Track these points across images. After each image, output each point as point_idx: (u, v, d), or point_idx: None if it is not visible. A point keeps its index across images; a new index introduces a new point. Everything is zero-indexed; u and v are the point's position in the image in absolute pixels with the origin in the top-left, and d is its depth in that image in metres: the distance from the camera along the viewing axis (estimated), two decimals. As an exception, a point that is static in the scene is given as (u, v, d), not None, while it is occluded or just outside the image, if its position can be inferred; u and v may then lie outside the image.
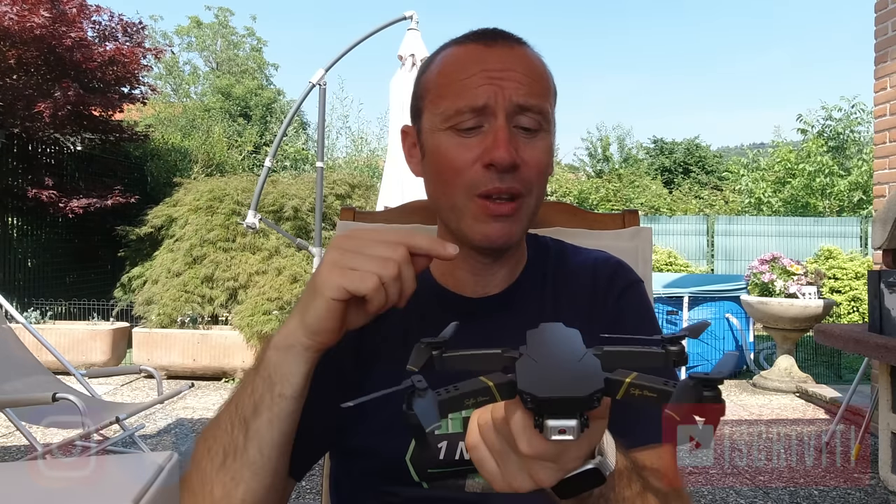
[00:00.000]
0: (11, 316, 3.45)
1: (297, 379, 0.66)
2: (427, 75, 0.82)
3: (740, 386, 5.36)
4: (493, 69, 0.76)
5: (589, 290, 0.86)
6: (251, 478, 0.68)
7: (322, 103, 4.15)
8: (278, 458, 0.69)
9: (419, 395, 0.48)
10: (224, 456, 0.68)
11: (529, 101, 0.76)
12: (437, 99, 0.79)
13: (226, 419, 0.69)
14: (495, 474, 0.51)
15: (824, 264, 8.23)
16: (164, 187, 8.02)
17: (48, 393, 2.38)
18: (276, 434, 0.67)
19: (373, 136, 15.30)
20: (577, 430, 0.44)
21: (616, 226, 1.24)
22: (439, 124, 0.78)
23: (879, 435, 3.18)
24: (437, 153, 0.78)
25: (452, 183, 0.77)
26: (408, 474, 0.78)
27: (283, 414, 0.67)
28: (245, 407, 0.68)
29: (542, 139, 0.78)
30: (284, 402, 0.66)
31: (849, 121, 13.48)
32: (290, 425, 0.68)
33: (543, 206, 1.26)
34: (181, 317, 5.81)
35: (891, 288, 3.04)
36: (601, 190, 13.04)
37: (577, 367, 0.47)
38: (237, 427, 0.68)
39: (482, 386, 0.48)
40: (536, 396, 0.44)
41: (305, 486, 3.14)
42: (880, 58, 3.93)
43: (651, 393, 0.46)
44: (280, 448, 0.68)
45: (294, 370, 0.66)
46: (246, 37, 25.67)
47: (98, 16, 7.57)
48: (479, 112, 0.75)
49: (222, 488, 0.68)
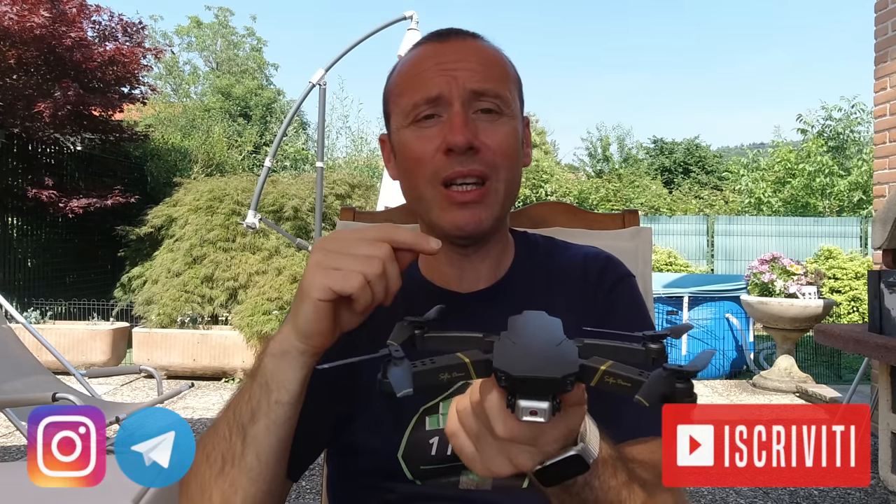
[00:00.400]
0: (11, 316, 3.45)
1: (293, 385, 0.66)
2: (389, 81, 0.85)
3: (740, 386, 5.36)
4: (447, 61, 0.78)
5: (580, 284, 0.85)
6: (249, 484, 0.68)
7: (322, 103, 4.15)
8: (276, 463, 0.69)
9: (395, 363, 0.48)
10: (223, 463, 0.68)
11: (484, 86, 0.77)
12: (397, 99, 0.81)
13: (224, 426, 0.69)
14: (475, 459, 0.52)
15: (824, 264, 8.23)
16: (164, 187, 8.01)
17: (48, 393, 2.39)
18: (274, 440, 0.67)
19: (373, 136, 15.30)
20: (548, 412, 0.45)
21: (616, 226, 1.24)
22: (402, 122, 0.80)
23: (879, 435, 3.18)
24: (403, 149, 0.80)
25: (417, 174, 0.79)
26: (401, 473, 0.78)
27: (281, 420, 0.67)
28: (242, 414, 0.68)
29: (504, 123, 0.79)
30: (281, 409, 0.67)
31: (849, 121, 13.48)
32: (288, 430, 0.68)
33: (543, 205, 1.26)
34: (181, 317, 5.81)
35: (891, 288, 3.04)
36: (601, 190, 13.04)
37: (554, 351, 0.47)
38: (235, 434, 0.68)
39: (459, 362, 0.48)
40: (510, 374, 0.45)
41: (305, 486, 3.14)
42: (880, 58, 3.93)
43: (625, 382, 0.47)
44: (278, 454, 0.69)
45: (290, 376, 0.66)
46: (246, 37, 25.67)
47: (98, 16, 7.58)
48: (434, 102, 0.77)
49: (221, 495, 0.68)
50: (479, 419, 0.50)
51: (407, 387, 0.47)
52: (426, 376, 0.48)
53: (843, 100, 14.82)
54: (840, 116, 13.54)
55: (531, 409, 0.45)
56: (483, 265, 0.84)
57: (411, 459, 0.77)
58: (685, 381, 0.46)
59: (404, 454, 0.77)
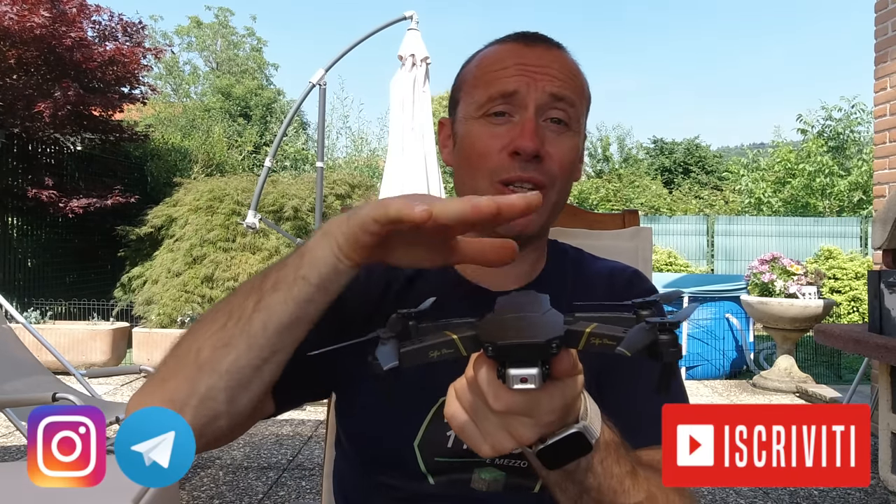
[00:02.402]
0: (11, 316, 3.45)
1: (323, 268, 0.63)
2: (466, 68, 0.86)
3: (740, 386, 5.36)
4: (529, 64, 0.79)
5: (606, 295, 0.86)
6: (245, 350, 0.64)
7: (322, 103, 4.15)
8: (278, 343, 0.65)
9: (383, 343, 0.50)
10: (227, 318, 0.65)
11: (563, 93, 0.79)
12: (471, 89, 0.82)
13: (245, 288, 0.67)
14: (477, 439, 0.52)
15: (824, 264, 8.23)
16: (164, 187, 8.02)
17: (48, 393, 2.39)
18: (286, 316, 0.64)
19: (373, 136, 15.34)
20: (538, 378, 0.46)
21: (616, 226, 1.24)
22: (472, 112, 0.81)
23: (879, 435, 3.18)
24: (467, 139, 0.81)
25: (477, 168, 0.79)
26: (414, 463, 0.77)
27: (300, 298, 0.63)
28: (268, 279, 0.65)
29: (570, 136, 0.80)
30: (304, 286, 0.63)
31: (849, 121, 13.48)
32: (302, 315, 0.64)
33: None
34: (181, 317, 5.81)
35: (891, 288, 3.04)
36: (601, 190, 13.05)
37: (539, 319, 0.48)
38: (251, 296, 0.65)
39: (447, 339, 0.49)
40: (496, 343, 0.46)
41: (305, 486, 3.14)
42: (880, 58, 3.93)
43: (611, 341, 0.47)
44: (283, 334, 0.64)
45: (323, 257, 0.63)
46: (246, 37, 25.66)
47: (98, 16, 7.58)
48: (509, 99, 0.78)
49: (211, 351, 0.64)
50: (474, 395, 0.51)
51: (392, 360, 0.48)
52: (415, 355, 0.49)
53: (843, 100, 14.84)
54: (840, 116, 13.55)
55: (521, 376, 0.46)
56: (519, 266, 0.85)
57: (427, 450, 0.77)
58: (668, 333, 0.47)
59: (420, 443, 0.77)
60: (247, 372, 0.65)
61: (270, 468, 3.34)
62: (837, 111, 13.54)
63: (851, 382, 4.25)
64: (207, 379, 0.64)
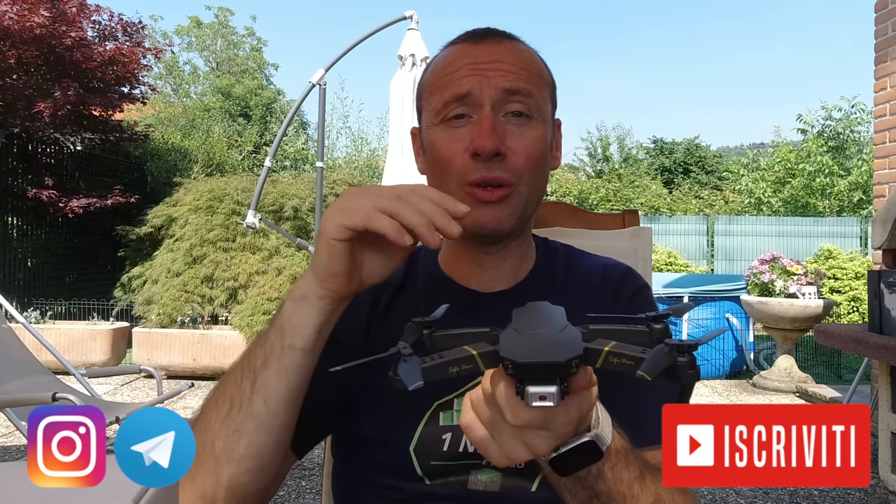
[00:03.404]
0: (11, 316, 3.45)
1: (308, 331, 0.65)
2: (423, 77, 0.86)
3: (740, 386, 5.36)
4: (480, 62, 0.79)
5: (599, 293, 0.86)
6: (254, 431, 0.66)
7: (322, 103, 4.15)
8: (284, 414, 0.67)
9: (404, 360, 0.50)
10: (230, 407, 0.67)
11: (517, 85, 0.77)
12: (429, 96, 0.82)
13: (237, 371, 0.69)
14: (493, 449, 0.53)
15: (824, 264, 8.23)
16: (164, 187, 8.02)
17: (48, 393, 2.39)
18: (284, 387, 0.66)
19: (373, 136, 15.32)
20: (556, 396, 0.46)
21: (616, 226, 1.24)
22: (432, 120, 0.81)
23: (879, 435, 3.18)
24: (431, 147, 0.81)
25: (445, 173, 0.79)
26: (410, 468, 0.77)
27: (293, 366, 0.66)
28: (256, 358, 0.67)
29: (533, 128, 0.79)
30: (294, 354, 0.65)
31: (849, 121, 13.48)
32: (299, 380, 0.67)
33: (543, 206, 1.26)
34: (181, 317, 5.81)
35: (891, 288, 3.04)
36: (601, 190, 13.04)
37: (558, 337, 0.49)
38: (246, 378, 0.67)
39: (466, 354, 0.49)
40: (516, 362, 0.46)
41: (305, 486, 3.14)
42: (880, 58, 3.93)
43: (629, 361, 0.47)
44: (286, 404, 0.67)
45: (305, 321, 0.65)
46: (246, 37, 25.64)
47: (98, 15, 7.58)
48: (463, 101, 0.77)
49: (224, 441, 0.66)
50: (492, 408, 0.51)
51: (417, 380, 0.48)
52: (436, 370, 0.49)
53: (843, 100, 14.83)
54: (840, 116, 13.54)
55: (540, 394, 0.46)
56: (505, 265, 0.85)
57: (423, 454, 0.77)
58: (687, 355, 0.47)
59: (416, 448, 0.77)
60: (263, 450, 0.67)
61: (270, 468, 3.33)
62: (837, 111, 13.54)
63: (851, 382, 4.25)
64: (227, 468, 0.66)
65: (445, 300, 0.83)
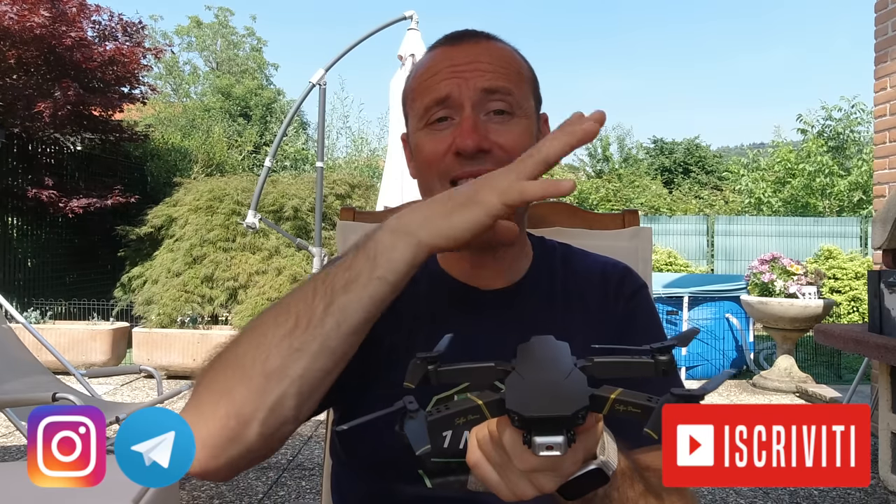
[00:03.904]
0: (11, 316, 3.45)
1: (402, 266, 0.64)
2: (406, 84, 0.87)
3: (740, 386, 5.36)
4: (458, 64, 0.80)
5: (598, 292, 0.86)
6: (317, 353, 0.63)
7: (322, 103, 4.15)
8: (350, 344, 0.65)
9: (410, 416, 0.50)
10: (295, 323, 0.63)
11: (495, 84, 0.78)
12: (412, 102, 0.83)
13: (307, 290, 0.65)
14: (500, 487, 0.53)
15: (824, 264, 8.22)
16: (164, 187, 8.02)
17: (48, 393, 2.39)
18: (360, 316, 0.64)
19: (373, 136, 15.32)
20: (563, 445, 0.46)
21: (616, 226, 1.24)
22: (417, 124, 0.82)
23: (879, 435, 3.18)
24: (418, 150, 0.83)
25: (430, 175, 0.81)
26: (409, 471, 0.77)
27: (376, 297, 0.64)
28: (336, 280, 0.64)
29: (516, 124, 0.79)
30: (382, 286, 0.64)
31: (849, 121, 13.48)
32: (375, 313, 0.65)
33: (543, 206, 1.26)
34: (181, 317, 5.81)
35: (891, 288, 3.04)
36: (601, 190, 13.03)
37: (563, 385, 0.48)
38: (320, 298, 0.64)
39: (472, 405, 0.49)
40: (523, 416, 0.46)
41: (305, 486, 3.14)
42: (880, 58, 3.93)
43: (635, 409, 0.48)
44: (356, 333, 0.65)
45: (401, 258, 0.63)
46: (246, 37, 25.64)
47: (98, 15, 7.58)
48: (444, 104, 0.79)
49: (280, 358, 0.62)
50: (499, 451, 0.52)
51: (424, 443, 0.48)
52: (443, 423, 0.50)
53: (843, 100, 14.83)
54: (840, 116, 13.54)
55: (547, 444, 0.46)
56: (499, 264, 0.85)
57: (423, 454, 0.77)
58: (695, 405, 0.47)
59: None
60: (319, 376, 0.64)
61: (270, 468, 3.33)
62: (837, 111, 13.54)
63: (851, 382, 4.25)
64: (277, 387, 0.63)
65: (445, 297, 0.84)
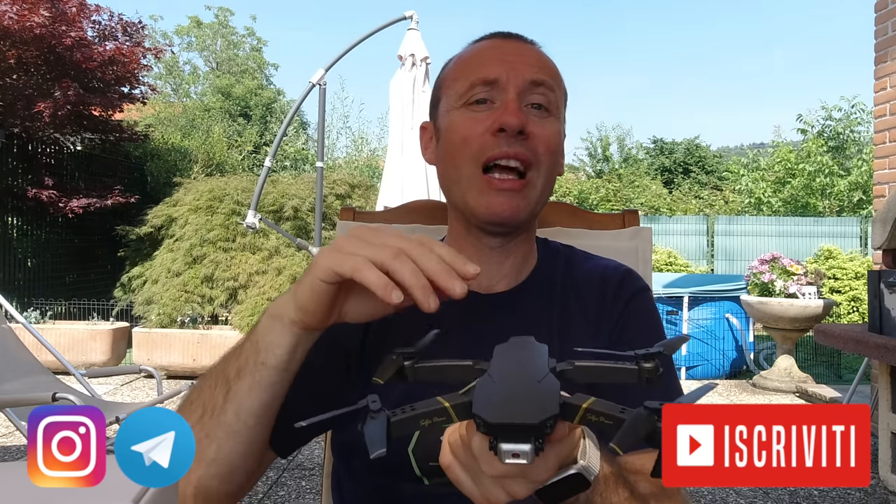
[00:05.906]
0: (11, 316, 3.45)
1: (280, 350, 0.65)
2: (446, 69, 0.87)
3: (740, 386, 5.36)
4: (509, 53, 0.82)
5: (597, 295, 0.86)
6: (224, 438, 0.67)
7: (322, 103, 4.15)
8: (255, 426, 0.67)
9: (371, 416, 0.48)
10: (202, 412, 0.68)
11: (542, 77, 0.80)
12: (452, 83, 0.83)
13: (212, 377, 0.69)
14: (472, 491, 0.52)
15: (824, 264, 8.23)
16: (164, 187, 8.02)
17: (48, 393, 2.39)
18: (255, 402, 0.66)
19: (373, 136, 15.35)
20: (530, 454, 0.44)
21: (616, 226, 1.24)
22: (454, 104, 0.82)
23: (879, 435, 3.18)
24: (450, 129, 0.82)
25: (461, 154, 0.80)
26: (409, 468, 0.77)
27: (265, 383, 0.66)
28: (230, 368, 0.67)
29: (552, 122, 0.81)
30: (266, 371, 0.65)
31: (849, 121, 13.48)
32: (271, 396, 0.67)
33: (544, 206, 1.26)
34: (181, 317, 5.81)
35: (891, 288, 3.04)
36: (601, 190, 13.03)
37: (534, 391, 0.45)
38: (220, 386, 0.67)
39: (439, 406, 0.47)
40: (487, 422, 0.44)
41: (305, 486, 3.14)
42: (880, 58, 3.93)
43: (607, 420, 0.46)
44: (257, 417, 0.67)
45: (279, 341, 0.65)
46: (246, 37, 25.63)
47: (98, 15, 7.58)
48: (491, 85, 0.79)
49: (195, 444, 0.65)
50: (468, 456, 0.50)
51: (381, 446, 0.46)
52: (406, 424, 0.47)
53: (843, 100, 14.81)
54: (840, 116, 13.55)
55: (513, 451, 0.44)
56: (507, 263, 0.85)
57: (421, 454, 0.77)
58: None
59: (415, 448, 0.77)
60: (233, 457, 0.68)
61: (270, 468, 3.33)
62: (837, 111, 13.55)
63: (851, 382, 4.25)
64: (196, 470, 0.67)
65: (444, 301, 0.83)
